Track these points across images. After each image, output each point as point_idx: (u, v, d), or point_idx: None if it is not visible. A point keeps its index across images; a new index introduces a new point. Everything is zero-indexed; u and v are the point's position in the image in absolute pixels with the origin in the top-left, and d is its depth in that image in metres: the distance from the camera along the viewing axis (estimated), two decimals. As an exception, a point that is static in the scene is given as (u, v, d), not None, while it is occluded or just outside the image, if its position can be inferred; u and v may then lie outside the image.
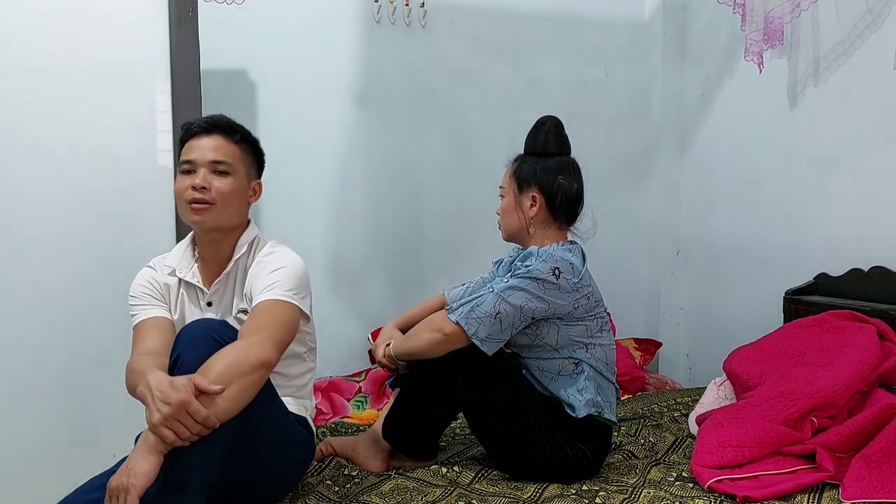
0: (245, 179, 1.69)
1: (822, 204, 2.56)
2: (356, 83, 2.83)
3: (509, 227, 1.93)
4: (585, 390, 1.81)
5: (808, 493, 1.67)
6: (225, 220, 1.66)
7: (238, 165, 1.66)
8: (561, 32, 3.12)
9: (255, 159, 1.74)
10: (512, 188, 1.91)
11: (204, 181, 1.61)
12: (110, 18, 2.03)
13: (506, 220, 1.93)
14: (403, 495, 1.70)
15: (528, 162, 1.90)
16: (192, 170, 1.63)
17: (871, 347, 1.98)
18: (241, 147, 1.68)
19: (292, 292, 1.58)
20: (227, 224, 1.67)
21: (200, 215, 1.62)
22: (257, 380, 1.42)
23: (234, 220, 1.68)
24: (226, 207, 1.64)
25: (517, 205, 1.89)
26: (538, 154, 1.90)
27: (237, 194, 1.66)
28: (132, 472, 1.29)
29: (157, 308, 1.67)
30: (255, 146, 1.74)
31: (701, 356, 3.16)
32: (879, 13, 2.33)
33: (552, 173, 1.87)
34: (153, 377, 1.36)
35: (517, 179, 1.90)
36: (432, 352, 1.76)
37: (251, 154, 1.72)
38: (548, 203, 1.87)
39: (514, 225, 1.91)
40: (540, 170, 1.87)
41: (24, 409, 1.99)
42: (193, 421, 1.31)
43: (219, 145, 1.64)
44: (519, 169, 1.90)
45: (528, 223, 1.88)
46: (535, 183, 1.87)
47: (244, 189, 1.69)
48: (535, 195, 1.87)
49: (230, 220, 1.67)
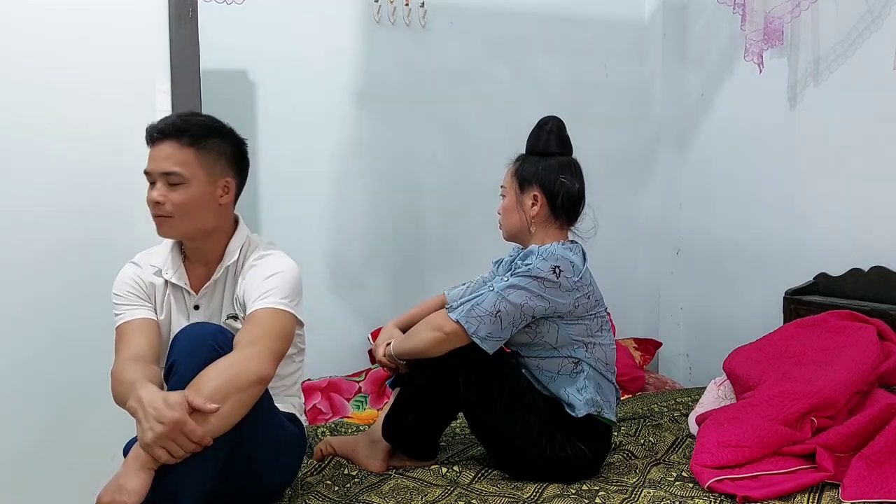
0: (206, 184, 1.56)
1: (822, 204, 2.56)
2: (356, 83, 2.83)
3: (510, 227, 1.93)
4: (585, 390, 1.81)
5: (808, 493, 1.67)
6: (189, 230, 1.58)
7: (194, 171, 1.54)
8: (561, 32, 3.12)
9: (224, 156, 1.60)
10: (513, 187, 1.91)
11: (159, 195, 1.53)
12: (110, 18, 2.03)
13: (507, 220, 1.93)
14: (403, 495, 1.70)
15: (530, 161, 1.90)
16: (152, 182, 1.56)
17: (871, 347, 1.98)
18: (196, 149, 1.54)
19: (288, 300, 1.54)
20: (193, 232, 1.59)
21: (163, 228, 1.57)
22: (254, 395, 1.39)
23: (202, 225, 1.59)
24: (185, 217, 1.55)
25: (518, 204, 1.90)
26: (540, 154, 1.90)
27: (197, 202, 1.55)
28: (124, 489, 1.26)
29: (142, 308, 1.61)
30: (224, 141, 1.60)
31: (701, 356, 3.16)
32: (879, 13, 2.33)
33: (554, 173, 1.87)
34: (145, 392, 1.32)
35: (518, 179, 1.90)
36: (432, 351, 1.76)
37: (215, 151, 1.58)
38: (549, 202, 1.87)
39: (516, 224, 1.91)
40: (542, 169, 1.87)
41: (18, 410, 1.99)
42: (188, 440, 1.28)
43: (169, 154, 1.53)
44: (520, 168, 1.90)
45: (530, 222, 1.88)
46: (536, 182, 1.87)
47: (205, 194, 1.56)
48: (537, 194, 1.87)
49: (195, 228, 1.58)
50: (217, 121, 1.64)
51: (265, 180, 2.71)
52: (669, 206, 3.24)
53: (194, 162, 1.55)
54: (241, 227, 1.69)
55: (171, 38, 2.05)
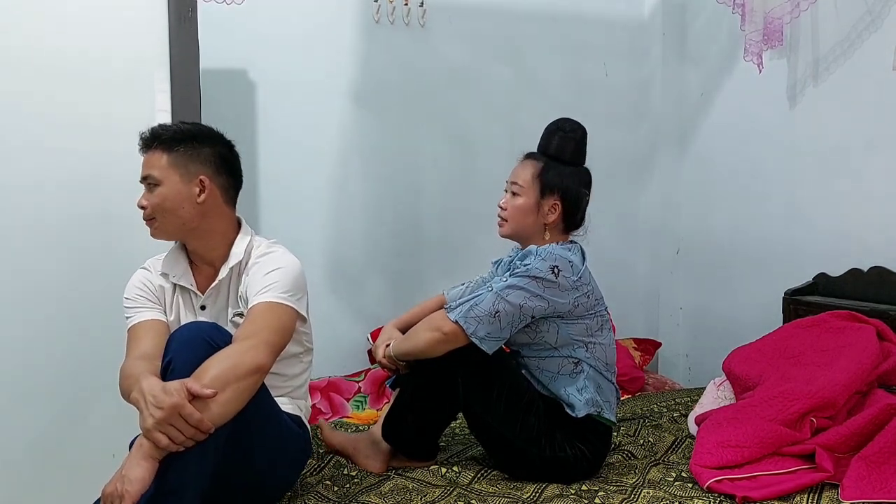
0: (179, 184, 1.61)
1: (821, 204, 2.56)
2: (356, 83, 2.83)
3: (519, 227, 1.90)
4: (585, 390, 1.81)
5: (808, 494, 1.67)
6: (172, 228, 1.64)
7: (166, 173, 1.60)
8: (560, 31, 3.12)
9: (195, 156, 1.63)
10: (534, 190, 1.87)
11: (142, 200, 1.63)
12: (110, 18, 2.03)
13: (517, 220, 1.89)
14: (403, 495, 1.70)
15: (556, 169, 1.87)
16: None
17: (871, 348, 1.98)
18: (168, 152, 1.61)
19: (288, 294, 1.57)
20: (177, 230, 1.65)
21: (152, 231, 1.65)
22: (252, 385, 1.42)
23: (185, 223, 1.63)
24: (164, 217, 1.62)
25: (536, 207, 1.88)
26: (564, 162, 1.88)
27: (171, 200, 1.60)
28: (126, 478, 1.29)
29: (151, 311, 1.66)
30: (195, 143, 1.64)
31: (700, 356, 3.16)
32: (879, 13, 2.33)
33: (577, 185, 1.87)
34: (146, 382, 1.36)
35: (542, 183, 1.87)
36: (432, 351, 1.76)
37: (187, 153, 1.62)
38: (567, 212, 1.87)
39: (528, 226, 1.89)
40: (567, 179, 1.86)
41: (20, 409, 1.99)
42: (187, 424, 1.31)
43: (146, 160, 1.63)
44: (546, 174, 1.87)
45: (545, 228, 1.88)
46: (559, 191, 1.86)
47: (179, 192, 1.61)
48: (557, 203, 1.86)
49: (178, 226, 1.63)
50: (199, 126, 1.72)
51: (265, 180, 2.71)
52: (669, 206, 3.24)
53: (166, 164, 1.61)
54: (245, 228, 1.72)
55: (170, 37, 2.04)
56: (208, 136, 1.68)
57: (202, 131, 1.69)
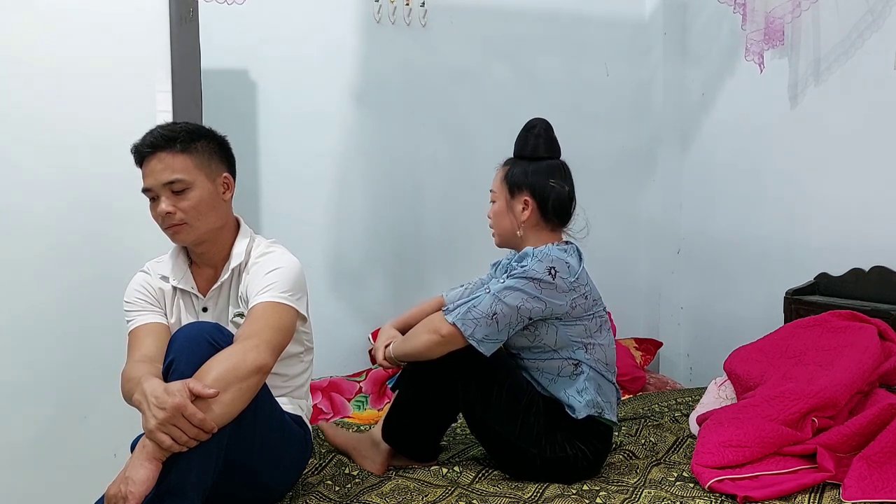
0: (209, 183, 1.60)
1: (822, 204, 2.56)
2: (356, 83, 2.83)
3: (502, 231, 1.92)
4: (585, 391, 1.80)
5: (809, 494, 1.67)
6: (203, 232, 1.62)
7: (194, 174, 1.58)
8: (561, 31, 3.12)
9: (214, 154, 1.63)
10: (503, 192, 1.89)
11: (168, 206, 1.56)
12: (111, 18, 2.03)
13: (498, 224, 1.92)
14: (404, 495, 1.70)
15: (520, 166, 1.88)
16: (154, 196, 1.59)
17: (872, 347, 1.98)
18: (189, 153, 1.58)
19: (288, 294, 1.57)
20: (207, 233, 1.63)
21: (180, 236, 1.60)
22: (254, 384, 1.42)
23: (214, 224, 1.63)
24: (199, 219, 1.59)
25: (509, 209, 1.89)
26: (528, 158, 1.89)
27: (206, 203, 1.59)
28: (130, 479, 1.29)
29: (151, 314, 1.65)
30: (209, 141, 1.63)
31: (701, 356, 3.16)
32: (880, 13, 2.33)
33: (544, 177, 1.86)
34: (148, 384, 1.36)
35: (508, 184, 1.88)
36: (430, 353, 1.76)
37: (207, 151, 1.62)
38: (540, 207, 1.86)
39: (507, 229, 1.90)
40: (531, 174, 1.86)
41: (21, 408, 1.99)
42: (190, 424, 1.31)
43: (166, 164, 1.56)
44: (510, 173, 1.89)
45: (519, 227, 1.88)
46: (526, 187, 1.86)
47: (211, 193, 1.61)
48: (528, 199, 1.86)
49: (209, 228, 1.62)
50: (196, 124, 1.69)
51: (266, 180, 2.71)
52: (670, 206, 3.24)
53: (193, 165, 1.59)
54: (244, 228, 1.72)
55: (171, 37, 2.05)
56: (210, 133, 1.66)
57: (203, 128, 1.67)
